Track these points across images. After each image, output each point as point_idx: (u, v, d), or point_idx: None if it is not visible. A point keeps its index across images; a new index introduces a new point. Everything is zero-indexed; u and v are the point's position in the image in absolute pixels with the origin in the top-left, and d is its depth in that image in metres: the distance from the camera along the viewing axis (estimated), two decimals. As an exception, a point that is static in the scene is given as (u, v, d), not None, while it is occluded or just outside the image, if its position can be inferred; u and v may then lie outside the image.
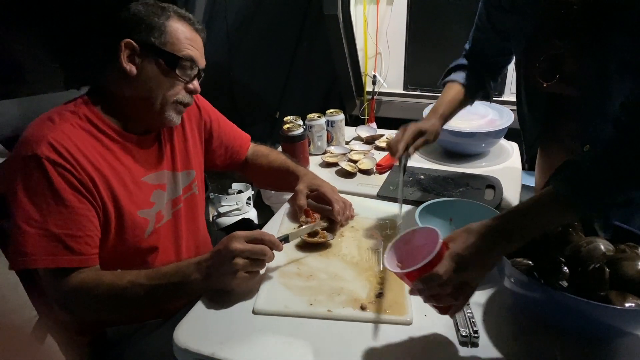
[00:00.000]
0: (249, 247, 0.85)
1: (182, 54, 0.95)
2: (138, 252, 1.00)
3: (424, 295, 0.73)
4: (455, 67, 1.23)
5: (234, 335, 0.81)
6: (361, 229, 1.12)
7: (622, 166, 0.69)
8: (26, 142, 0.87)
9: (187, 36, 0.97)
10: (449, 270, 0.70)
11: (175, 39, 0.95)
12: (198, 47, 0.99)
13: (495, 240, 0.72)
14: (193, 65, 0.98)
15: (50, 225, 0.84)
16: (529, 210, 0.73)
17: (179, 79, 0.97)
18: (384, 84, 2.51)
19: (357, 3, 2.35)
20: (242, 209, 2.37)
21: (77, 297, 0.86)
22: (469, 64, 1.21)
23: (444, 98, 1.18)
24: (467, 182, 1.33)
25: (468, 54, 1.23)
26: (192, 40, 0.98)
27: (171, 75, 0.95)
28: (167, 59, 0.94)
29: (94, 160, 0.91)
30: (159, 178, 1.04)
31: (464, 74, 1.19)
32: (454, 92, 1.18)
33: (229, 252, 0.84)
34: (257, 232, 0.89)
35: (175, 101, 0.98)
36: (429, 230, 0.75)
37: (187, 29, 0.97)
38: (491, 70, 1.23)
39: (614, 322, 0.72)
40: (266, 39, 2.73)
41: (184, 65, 0.96)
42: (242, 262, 0.84)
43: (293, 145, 1.44)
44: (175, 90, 0.97)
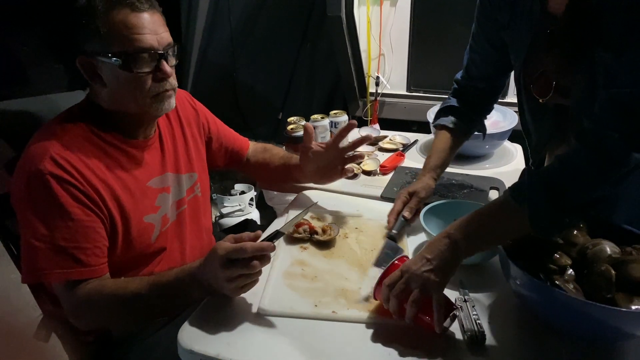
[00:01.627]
0: (235, 269, 0.80)
1: (129, 49, 0.86)
2: (146, 256, 1.01)
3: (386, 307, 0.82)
4: (443, 109, 1.22)
5: (239, 337, 0.81)
6: (365, 231, 1.12)
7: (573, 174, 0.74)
8: (29, 157, 0.87)
9: (127, 24, 0.86)
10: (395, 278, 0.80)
11: (117, 35, 0.86)
12: (147, 28, 0.88)
13: (446, 250, 0.79)
14: (148, 52, 0.88)
15: (58, 239, 0.85)
16: (479, 216, 0.81)
17: (142, 74, 0.89)
18: (387, 85, 2.51)
19: (360, 4, 2.35)
20: (245, 210, 2.37)
21: (86, 307, 0.87)
22: (459, 104, 1.20)
23: (434, 149, 1.18)
24: (471, 184, 1.33)
25: (460, 84, 1.21)
26: (135, 26, 0.86)
27: (132, 74, 0.88)
28: (118, 61, 0.87)
29: (98, 171, 0.90)
30: (163, 181, 1.04)
31: (453, 117, 1.18)
32: (443, 141, 1.18)
33: (218, 274, 0.81)
34: (238, 248, 0.79)
35: (153, 95, 0.92)
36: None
37: (125, 16, 0.86)
38: (483, 101, 1.21)
39: (620, 324, 0.71)
40: (269, 41, 2.73)
41: (139, 58, 0.88)
42: (233, 283, 0.82)
43: (297, 146, 1.44)
44: (146, 85, 0.90)
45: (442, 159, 1.17)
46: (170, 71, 0.93)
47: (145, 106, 0.93)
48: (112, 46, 0.86)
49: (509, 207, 0.78)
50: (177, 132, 1.11)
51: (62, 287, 0.88)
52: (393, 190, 1.31)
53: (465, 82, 1.20)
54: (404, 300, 0.78)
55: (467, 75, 1.19)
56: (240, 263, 0.80)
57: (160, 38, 0.90)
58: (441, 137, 1.19)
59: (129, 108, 0.94)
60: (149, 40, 0.88)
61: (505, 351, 0.77)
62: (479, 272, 0.96)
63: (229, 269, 0.80)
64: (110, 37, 0.86)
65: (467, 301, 0.85)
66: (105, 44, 0.86)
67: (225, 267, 0.80)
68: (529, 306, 0.84)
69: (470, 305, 0.84)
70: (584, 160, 0.75)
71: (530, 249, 0.85)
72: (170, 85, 0.94)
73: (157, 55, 0.90)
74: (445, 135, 1.18)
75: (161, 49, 0.90)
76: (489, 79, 1.18)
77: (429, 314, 0.77)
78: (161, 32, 0.91)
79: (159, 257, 1.03)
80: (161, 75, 0.91)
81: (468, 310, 0.83)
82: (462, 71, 1.21)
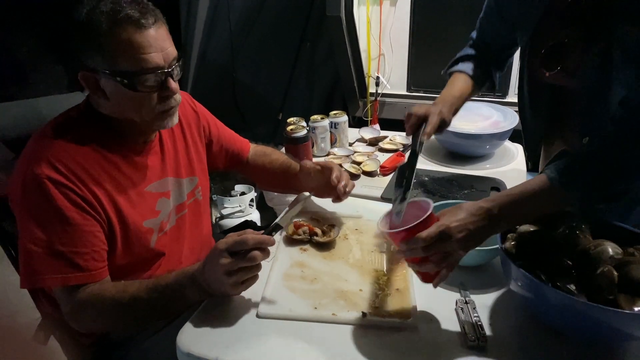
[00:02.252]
0: (234, 261, 0.81)
1: (135, 69, 0.84)
2: (145, 261, 1.00)
3: (406, 257, 0.80)
4: (462, 57, 1.23)
5: (238, 339, 0.80)
6: (365, 232, 1.12)
7: (614, 160, 0.74)
8: (26, 161, 0.86)
9: (134, 44, 0.83)
10: (432, 236, 0.74)
11: (122, 55, 0.83)
12: (153, 46, 0.85)
13: (484, 221, 0.77)
14: (154, 72, 0.86)
15: (56, 244, 0.84)
16: (520, 196, 0.77)
17: (145, 93, 0.87)
18: (387, 85, 2.51)
19: (360, 4, 2.35)
20: (245, 211, 2.36)
21: (85, 310, 0.87)
22: (476, 53, 1.21)
23: (453, 89, 1.17)
24: (471, 184, 1.33)
25: (474, 43, 1.23)
26: (141, 45, 0.83)
27: (137, 93, 0.86)
28: (124, 81, 0.84)
29: (96, 175, 0.90)
30: (163, 186, 1.03)
31: (472, 64, 1.20)
32: (462, 83, 1.18)
33: (219, 268, 0.81)
34: (240, 239, 0.81)
35: (158, 112, 0.91)
36: (424, 202, 0.82)
37: (130, 35, 0.82)
38: (497, 60, 1.23)
39: (622, 326, 0.71)
40: (269, 41, 2.72)
41: (143, 79, 0.85)
42: (233, 276, 0.82)
43: (296, 147, 1.44)
44: (152, 103, 0.89)
45: (461, 100, 1.16)
46: (176, 87, 0.91)
47: (149, 122, 0.92)
48: (117, 65, 0.83)
49: (553, 191, 0.76)
50: (178, 135, 1.10)
51: (61, 292, 0.88)
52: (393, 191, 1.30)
53: (478, 41, 1.22)
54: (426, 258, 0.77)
55: (481, 41, 1.21)
56: (241, 255, 0.81)
57: (166, 55, 0.87)
58: (459, 80, 1.18)
59: (130, 121, 0.93)
60: (155, 60, 0.85)
61: (507, 353, 0.76)
62: (480, 274, 0.95)
63: (230, 262, 0.81)
64: (115, 56, 0.83)
65: (468, 303, 0.85)
66: (109, 62, 0.83)
67: (226, 260, 0.81)
68: (530, 307, 0.83)
69: (471, 307, 0.84)
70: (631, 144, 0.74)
71: (531, 250, 0.84)
72: (175, 102, 0.93)
73: (163, 73, 0.87)
74: (463, 79, 1.18)
75: (167, 66, 0.87)
76: (501, 50, 1.20)
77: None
78: (167, 47, 0.87)
79: (158, 262, 1.03)
80: (167, 93, 0.89)
81: (469, 311, 0.83)
82: (476, 33, 1.23)
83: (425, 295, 0.89)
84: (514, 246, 0.86)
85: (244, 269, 0.82)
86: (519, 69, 1.13)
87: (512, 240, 0.88)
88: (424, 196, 1.27)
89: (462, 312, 0.83)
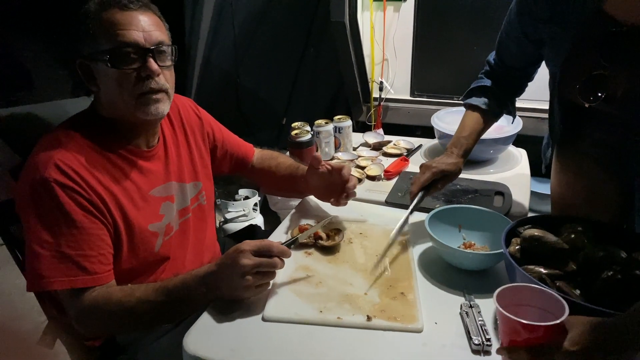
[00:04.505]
0: (259, 261, 0.83)
1: (114, 44, 0.86)
2: (150, 264, 1.01)
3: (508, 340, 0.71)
4: (477, 88, 1.20)
5: (244, 343, 0.80)
6: (369, 236, 1.12)
7: None
8: (34, 165, 0.87)
9: (113, 21, 0.87)
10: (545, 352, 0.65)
11: (104, 33, 0.87)
12: (133, 25, 0.88)
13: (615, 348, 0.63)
14: (132, 48, 0.87)
15: (64, 247, 0.85)
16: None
17: (127, 71, 0.88)
18: (391, 90, 2.51)
19: (364, 9, 2.36)
20: (249, 215, 2.37)
21: (92, 314, 0.87)
22: (492, 84, 1.19)
23: (465, 129, 1.17)
24: (475, 189, 1.33)
25: (492, 68, 1.20)
26: (121, 22, 0.87)
27: (119, 71, 0.88)
28: (104, 58, 0.87)
29: (102, 179, 0.91)
30: (167, 190, 1.04)
31: (486, 98, 1.17)
32: (474, 121, 1.17)
33: (238, 268, 0.83)
34: (266, 244, 0.86)
35: (138, 95, 0.90)
36: (549, 296, 0.72)
37: (112, 14, 0.87)
38: (517, 84, 1.20)
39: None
40: (273, 45, 2.74)
41: (123, 53, 0.87)
42: (252, 277, 0.83)
43: (301, 151, 1.45)
44: (130, 83, 0.89)
45: (474, 141, 1.17)
46: (156, 69, 0.90)
47: (131, 108, 0.91)
48: (101, 44, 0.87)
49: None
50: (182, 141, 1.11)
51: (68, 295, 0.88)
52: (397, 196, 1.30)
53: (497, 67, 1.19)
54: None
55: (500, 62, 1.18)
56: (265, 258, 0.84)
57: (148, 35, 0.89)
58: (472, 118, 1.18)
59: (119, 112, 0.93)
60: (133, 36, 0.87)
61: (512, 358, 0.76)
62: (485, 278, 0.95)
63: (252, 263, 0.83)
64: (98, 35, 0.87)
65: (473, 307, 0.85)
66: (95, 44, 0.87)
67: (248, 260, 0.83)
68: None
69: (476, 310, 0.84)
70: None
71: (535, 254, 0.84)
72: (156, 85, 0.91)
73: (141, 51, 0.88)
74: (476, 117, 1.17)
75: (148, 46, 0.89)
76: (523, 68, 1.17)
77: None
78: (151, 30, 0.90)
79: (163, 266, 1.04)
80: (145, 72, 0.89)
81: (474, 316, 0.83)
82: (495, 55, 1.20)
83: (430, 299, 0.90)
84: (518, 250, 0.86)
85: (262, 273, 0.85)
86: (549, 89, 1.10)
87: (517, 245, 0.88)
88: (429, 201, 1.26)
89: (466, 316, 0.83)
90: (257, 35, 2.74)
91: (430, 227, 1.00)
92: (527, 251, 0.85)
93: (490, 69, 1.21)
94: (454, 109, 1.67)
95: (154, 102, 0.92)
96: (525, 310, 0.73)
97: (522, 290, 0.75)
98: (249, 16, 2.69)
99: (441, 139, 1.55)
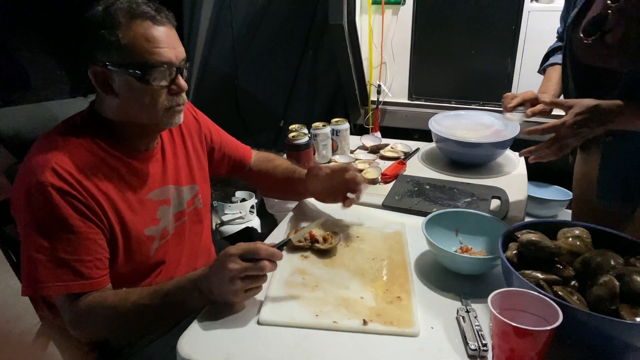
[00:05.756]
0: (245, 265, 0.82)
1: (149, 61, 0.87)
2: (145, 268, 1.00)
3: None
4: (552, 50, 1.34)
5: (239, 346, 0.80)
6: (366, 239, 1.12)
7: None
8: (30, 168, 0.86)
9: (148, 37, 0.86)
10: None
11: (136, 48, 0.86)
12: (167, 42, 0.88)
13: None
14: (166, 66, 0.89)
15: (60, 252, 0.84)
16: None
17: (158, 87, 0.90)
18: (389, 94, 2.52)
19: (362, 13, 2.37)
20: (246, 218, 2.37)
21: (87, 318, 0.87)
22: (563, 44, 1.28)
23: (552, 81, 1.27)
24: (472, 193, 1.33)
25: (559, 36, 1.33)
26: (156, 39, 0.87)
27: (148, 86, 0.88)
28: (136, 73, 0.87)
29: (99, 182, 0.90)
30: (164, 193, 1.03)
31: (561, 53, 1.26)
32: (557, 74, 1.26)
33: (226, 272, 0.82)
34: (253, 247, 0.84)
35: (166, 109, 0.92)
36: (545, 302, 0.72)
37: (146, 29, 0.86)
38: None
39: (624, 336, 0.70)
40: (272, 48, 2.74)
41: (158, 72, 0.88)
42: (240, 282, 0.82)
43: (298, 154, 1.44)
44: (160, 99, 0.91)
45: (560, 90, 1.25)
46: (185, 86, 0.93)
47: (157, 119, 0.93)
48: (132, 57, 0.86)
49: None
50: (179, 143, 1.10)
51: (63, 300, 0.87)
52: (394, 199, 1.30)
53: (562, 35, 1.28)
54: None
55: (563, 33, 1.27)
56: (251, 262, 0.82)
57: (178, 53, 0.91)
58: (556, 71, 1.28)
59: (139, 119, 0.93)
60: (168, 54, 0.88)
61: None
62: (482, 282, 0.95)
63: (239, 267, 0.81)
64: (130, 48, 0.85)
65: (470, 312, 0.85)
66: (124, 55, 0.86)
67: (236, 265, 0.81)
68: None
69: (473, 316, 0.84)
70: None
71: (533, 259, 0.84)
72: (182, 100, 0.95)
73: (174, 69, 0.90)
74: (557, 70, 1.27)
75: (178, 64, 0.91)
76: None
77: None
78: (178, 47, 0.91)
79: (158, 270, 1.03)
80: (177, 89, 0.92)
81: (470, 321, 0.82)
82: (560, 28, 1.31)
83: (426, 303, 0.89)
84: (515, 255, 0.86)
85: (251, 277, 0.83)
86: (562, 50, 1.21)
87: (514, 249, 0.88)
88: (426, 205, 1.26)
89: (463, 320, 0.83)
90: (256, 38, 2.74)
91: (427, 231, 1.00)
92: (524, 256, 0.85)
93: (558, 37, 1.35)
94: (451, 113, 1.67)
95: (178, 113, 0.95)
96: (522, 317, 0.73)
97: (518, 296, 0.74)
98: (248, 19, 2.70)
99: (438, 142, 1.55)
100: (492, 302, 0.71)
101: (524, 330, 0.66)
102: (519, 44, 2.12)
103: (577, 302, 0.76)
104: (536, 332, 0.67)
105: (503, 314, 0.69)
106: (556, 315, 0.68)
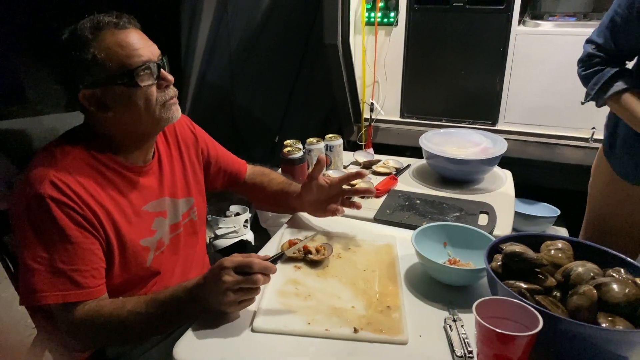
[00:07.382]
0: (239, 278, 0.84)
1: (131, 65, 0.89)
2: (141, 279, 1.02)
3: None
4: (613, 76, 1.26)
5: (233, 353, 0.82)
6: (358, 251, 1.15)
7: None
8: (29, 181, 0.88)
9: (121, 43, 0.89)
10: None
11: (113, 57, 0.88)
12: (139, 43, 0.92)
13: None
14: (150, 64, 0.91)
15: (57, 262, 0.86)
16: None
17: (146, 87, 0.92)
18: (381, 112, 2.57)
19: (356, 33, 2.43)
20: (240, 232, 2.38)
21: (84, 328, 0.88)
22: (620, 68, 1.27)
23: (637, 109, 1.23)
24: (461, 208, 1.37)
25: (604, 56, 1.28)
26: (128, 43, 0.90)
27: (139, 89, 0.91)
28: (124, 81, 0.89)
29: (96, 194, 0.92)
30: (160, 205, 1.06)
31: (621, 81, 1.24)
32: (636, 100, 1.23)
33: (220, 285, 0.83)
34: (247, 261, 0.85)
35: (161, 105, 0.95)
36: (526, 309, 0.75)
37: (115, 36, 0.89)
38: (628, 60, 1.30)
39: (603, 343, 0.73)
40: (268, 65, 2.80)
41: (141, 72, 0.90)
42: (233, 294, 0.84)
43: (293, 168, 1.48)
44: (153, 97, 0.93)
45: None
46: (171, 77, 0.96)
47: (155, 118, 0.95)
48: (113, 68, 0.89)
49: None
50: (176, 156, 1.13)
51: (60, 309, 0.89)
52: (386, 213, 1.34)
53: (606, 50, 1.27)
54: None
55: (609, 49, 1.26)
56: (245, 276, 0.84)
57: (153, 49, 0.94)
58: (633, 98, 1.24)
59: (138, 126, 0.96)
60: (145, 53, 0.91)
61: (493, 370, 0.79)
62: (469, 293, 0.98)
63: (233, 280, 0.83)
64: (109, 60, 0.88)
65: (457, 321, 0.88)
66: (106, 69, 0.89)
67: (229, 277, 0.83)
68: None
69: (460, 324, 0.87)
70: None
71: (516, 270, 0.87)
72: (174, 92, 0.98)
73: (155, 65, 0.93)
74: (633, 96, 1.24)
75: (156, 59, 0.94)
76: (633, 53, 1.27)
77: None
78: (150, 44, 0.95)
79: (153, 280, 1.05)
80: (165, 82, 0.95)
81: (457, 329, 0.85)
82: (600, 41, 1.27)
83: (415, 312, 0.92)
84: (500, 266, 0.90)
85: (244, 289, 0.85)
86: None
87: (499, 261, 0.91)
88: (416, 218, 1.30)
89: (450, 329, 0.86)
90: (252, 55, 2.79)
91: (417, 243, 1.03)
92: (508, 267, 0.88)
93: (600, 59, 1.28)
94: (441, 131, 1.72)
95: (174, 105, 0.98)
96: (505, 324, 0.76)
97: (501, 303, 0.78)
98: (245, 35, 2.75)
99: (429, 159, 1.60)
100: (476, 309, 0.75)
101: (505, 335, 0.70)
102: (507, 65, 2.20)
103: (558, 310, 0.79)
104: (517, 337, 0.70)
105: (487, 321, 0.72)
106: (536, 322, 0.72)
